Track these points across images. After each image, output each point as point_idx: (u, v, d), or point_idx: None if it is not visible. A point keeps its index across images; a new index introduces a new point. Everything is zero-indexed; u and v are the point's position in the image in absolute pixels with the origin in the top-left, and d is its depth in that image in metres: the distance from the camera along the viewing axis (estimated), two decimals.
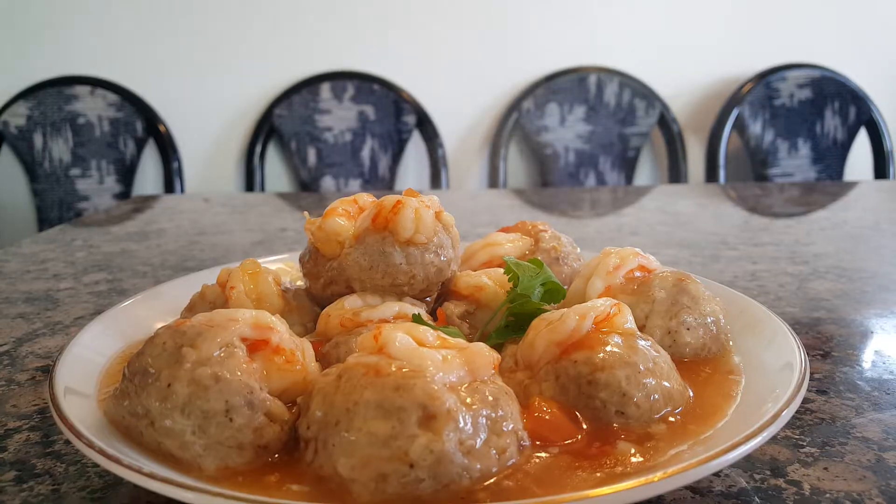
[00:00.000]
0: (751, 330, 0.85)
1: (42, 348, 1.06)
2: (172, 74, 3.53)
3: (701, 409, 0.70)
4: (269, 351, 0.67)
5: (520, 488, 0.57)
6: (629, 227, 1.88)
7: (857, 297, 1.24)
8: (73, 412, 0.64)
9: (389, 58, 3.62)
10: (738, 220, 1.96)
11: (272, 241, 1.74)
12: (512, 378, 0.72)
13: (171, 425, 0.61)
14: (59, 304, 1.27)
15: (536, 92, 3.61)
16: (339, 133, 3.57)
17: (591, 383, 0.67)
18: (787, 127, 3.66)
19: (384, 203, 0.84)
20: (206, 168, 3.66)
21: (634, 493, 0.53)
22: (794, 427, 0.78)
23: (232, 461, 0.61)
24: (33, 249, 1.68)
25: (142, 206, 2.19)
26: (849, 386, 0.88)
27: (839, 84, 3.65)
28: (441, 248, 0.86)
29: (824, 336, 1.06)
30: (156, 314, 0.94)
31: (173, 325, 0.67)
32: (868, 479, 0.68)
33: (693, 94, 3.79)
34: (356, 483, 0.56)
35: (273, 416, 0.63)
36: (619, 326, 0.73)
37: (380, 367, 0.60)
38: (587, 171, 3.67)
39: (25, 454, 0.75)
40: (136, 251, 1.67)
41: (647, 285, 0.86)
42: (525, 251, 1.02)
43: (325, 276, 0.89)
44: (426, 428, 0.56)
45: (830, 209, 2.13)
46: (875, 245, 1.66)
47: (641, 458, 0.62)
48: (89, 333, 0.84)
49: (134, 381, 0.64)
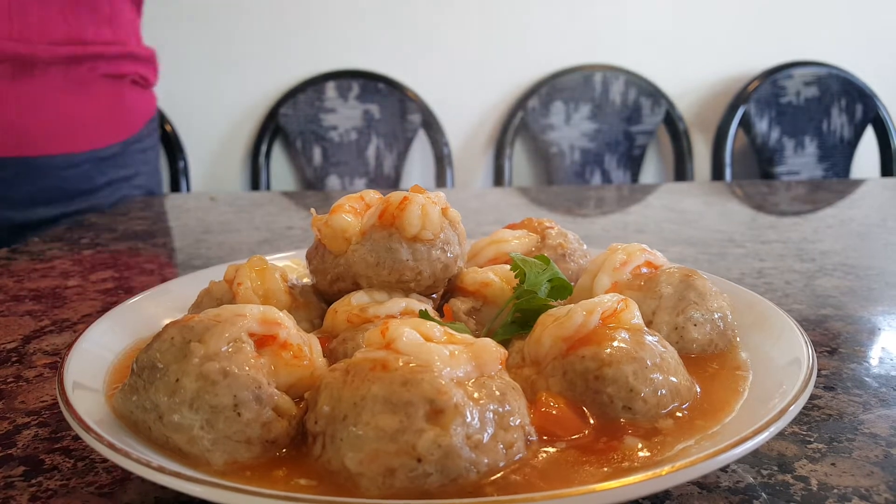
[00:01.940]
0: (758, 326, 0.85)
1: (50, 345, 1.06)
2: (178, 74, 3.54)
3: (708, 405, 0.70)
4: (276, 346, 0.67)
5: (527, 483, 0.58)
6: (635, 225, 1.88)
7: (865, 295, 1.24)
8: (82, 407, 0.64)
9: (395, 57, 3.63)
10: (744, 218, 1.96)
11: (278, 239, 1.75)
12: (519, 374, 0.73)
13: (180, 420, 0.61)
14: (66, 302, 1.27)
15: (542, 90, 3.61)
16: (344, 132, 3.57)
17: (599, 378, 0.67)
18: (794, 125, 3.65)
19: (391, 199, 0.84)
20: (211, 167, 3.67)
21: (641, 488, 0.53)
22: (801, 423, 0.77)
23: (240, 456, 0.61)
24: (40, 248, 1.68)
25: (148, 204, 2.20)
26: (856, 382, 0.88)
27: (846, 82, 3.64)
28: (447, 244, 0.86)
29: (831, 333, 1.06)
30: (164, 310, 0.94)
31: (181, 320, 0.67)
32: (876, 474, 0.67)
33: (699, 92, 3.78)
34: (364, 477, 0.56)
35: (281, 410, 0.64)
36: (627, 322, 0.73)
37: (387, 362, 0.60)
38: (593, 170, 3.67)
39: (34, 450, 0.75)
40: (143, 249, 1.68)
41: (654, 281, 0.86)
42: (531, 248, 1.02)
43: (332, 273, 0.89)
44: (434, 422, 0.57)
45: (837, 207, 2.12)
46: (882, 242, 1.65)
47: (648, 453, 0.62)
48: (98, 329, 0.85)
49: (142, 377, 0.64)
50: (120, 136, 2.14)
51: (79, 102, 2.00)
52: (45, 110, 1.92)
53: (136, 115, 2.22)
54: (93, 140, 2.06)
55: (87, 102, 2.02)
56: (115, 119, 2.13)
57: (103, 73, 2.04)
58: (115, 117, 2.13)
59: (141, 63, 2.17)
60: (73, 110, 1.99)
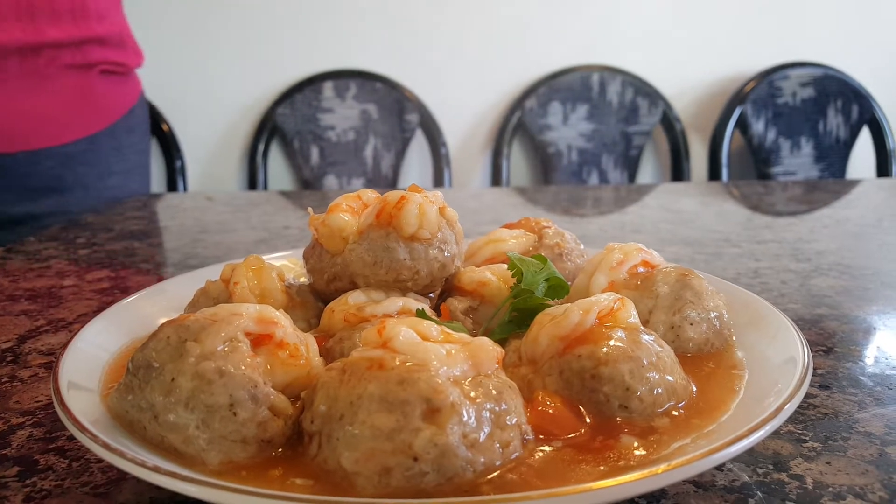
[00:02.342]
0: (754, 325, 0.85)
1: (45, 345, 1.06)
2: (175, 74, 3.53)
3: (704, 404, 0.70)
4: (272, 345, 0.67)
5: (523, 481, 0.58)
6: (632, 225, 1.88)
7: (860, 294, 1.24)
8: (77, 407, 0.64)
9: (392, 56, 3.62)
10: (740, 218, 1.96)
11: (275, 239, 1.75)
12: (515, 373, 0.73)
13: (175, 419, 0.61)
14: (62, 302, 1.27)
15: (539, 91, 3.61)
16: (341, 132, 3.57)
17: (595, 377, 0.67)
18: (790, 125, 3.66)
19: (388, 198, 0.84)
20: (208, 167, 3.66)
21: (637, 486, 0.53)
22: (796, 422, 0.78)
23: (236, 455, 0.61)
24: (36, 247, 1.68)
25: (145, 204, 2.19)
26: (851, 381, 0.88)
27: (842, 82, 3.64)
28: (445, 243, 0.86)
29: (827, 332, 1.06)
30: (159, 310, 0.94)
31: (177, 319, 0.67)
32: (871, 473, 0.68)
33: (696, 92, 3.79)
34: (360, 476, 0.56)
35: (277, 410, 0.63)
36: (623, 321, 0.73)
37: (384, 361, 0.60)
38: (590, 170, 3.67)
39: (28, 450, 0.75)
40: (140, 249, 1.68)
41: (650, 281, 0.86)
42: (528, 247, 1.02)
43: (329, 272, 0.89)
44: (430, 421, 0.57)
45: (833, 207, 2.12)
46: (878, 242, 1.65)
47: (644, 451, 0.62)
48: (93, 329, 0.84)
49: (138, 376, 0.64)
50: (88, 130, 2.00)
51: (37, 96, 1.87)
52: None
53: (107, 107, 2.07)
54: (55, 135, 1.92)
55: (48, 96, 1.89)
56: (82, 112, 1.99)
57: (67, 64, 1.90)
58: (81, 110, 1.98)
59: (112, 48, 2.01)
60: (31, 105, 1.86)
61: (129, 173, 2.19)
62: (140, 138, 2.24)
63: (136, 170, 2.23)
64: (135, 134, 2.19)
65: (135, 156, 2.21)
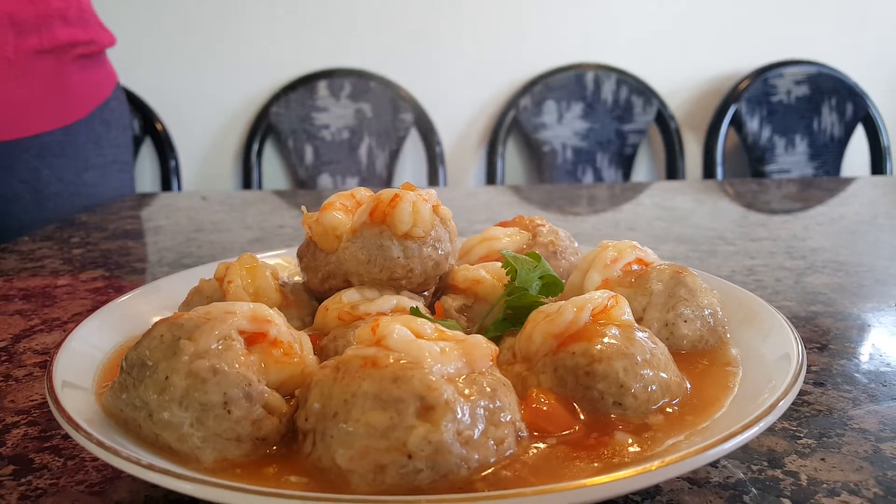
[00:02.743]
0: (748, 322, 0.85)
1: (39, 344, 1.06)
2: (169, 73, 3.53)
3: (698, 400, 0.70)
4: (266, 343, 0.67)
5: (517, 478, 0.58)
6: (626, 223, 1.88)
7: (854, 291, 1.24)
8: (72, 405, 0.64)
9: (387, 55, 3.62)
10: (735, 216, 1.97)
11: (270, 238, 1.74)
12: (510, 370, 0.73)
13: (169, 418, 0.61)
14: (56, 301, 1.27)
15: (534, 89, 3.61)
16: (336, 131, 3.56)
17: (589, 374, 0.67)
18: (785, 123, 3.67)
19: (382, 197, 0.84)
20: (203, 166, 3.65)
21: (631, 483, 0.53)
22: (791, 419, 0.78)
23: (230, 453, 0.61)
24: (30, 247, 1.68)
25: (139, 203, 2.19)
26: (846, 378, 0.89)
27: (836, 80, 3.65)
28: (439, 241, 0.86)
29: (821, 329, 1.06)
30: (153, 309, 0.94)
31: (171, 317, 0.67)
32: (865, 469, 0.68)
33: (690, 90, 3.79)
34: (354, 474, 0.56)
35: (271, 408, 0.63)
36: (617, 318, 0.73)
37: (377, 358, 0.60)
38: (585, 169, 3.68)
39: (23, 449, 0.75)
40: (134, 248, 1.67)
41: (644, 278, 0.86)
42: (523, 245, 1.02)
43: (323, 271, 0.89)
44: (424, 419, 0.57)
45: (827, 205, 2.13)
46: (872, 240, 1.66)
47: (639, 448, 0.62)
48: (87, 328, 0.84)
49: (132, 374, 0.64)
50: (63, 121, 1.90)
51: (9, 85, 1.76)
52: None
53: (82, 95, 1.97)
54: (29, 126, 1.82)
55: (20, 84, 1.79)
56: (57, 101, 1.88)
57: (35, 49, 1.80)
58: (55, 99, 1.88)
59: (77, 26, 1.89)
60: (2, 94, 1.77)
61: (108, 168, 2.10)
62: (119, 133, 2.15)
63: (114, 165, 2.14)
64: (113, 128, 2.10)
65: (113, 150, 2.12)
